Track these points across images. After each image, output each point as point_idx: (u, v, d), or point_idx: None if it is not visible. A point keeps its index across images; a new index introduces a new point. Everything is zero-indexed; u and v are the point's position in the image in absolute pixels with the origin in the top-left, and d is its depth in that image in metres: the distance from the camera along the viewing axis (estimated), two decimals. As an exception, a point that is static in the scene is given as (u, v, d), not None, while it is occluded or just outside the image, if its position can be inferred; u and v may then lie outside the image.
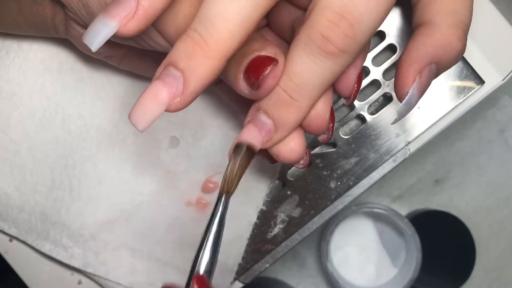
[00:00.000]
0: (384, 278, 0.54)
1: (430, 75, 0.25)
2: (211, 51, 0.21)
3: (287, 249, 0.36)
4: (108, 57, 0.31)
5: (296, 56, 0.22)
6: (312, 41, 0.22)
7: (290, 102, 0.23)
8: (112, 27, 0.22)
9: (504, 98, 0.54)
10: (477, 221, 0.55)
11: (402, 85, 0.24)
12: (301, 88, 0.23)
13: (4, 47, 0.33)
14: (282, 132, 0.24)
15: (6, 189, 0.34)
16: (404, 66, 0.24)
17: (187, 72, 0.21)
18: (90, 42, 0.22)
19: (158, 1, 0.22)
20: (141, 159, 0.35)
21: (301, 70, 0.22)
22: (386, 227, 0.54)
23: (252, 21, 0.21)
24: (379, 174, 0.35)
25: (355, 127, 0.36)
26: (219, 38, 0.21)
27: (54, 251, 0.35)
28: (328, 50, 0.22)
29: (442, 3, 0.25)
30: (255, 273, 0.36)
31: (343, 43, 0.21)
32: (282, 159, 0.25)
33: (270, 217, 0.36)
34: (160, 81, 0.22)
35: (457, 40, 0.25)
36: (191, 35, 0.21)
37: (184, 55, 0.21)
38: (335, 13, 0.21)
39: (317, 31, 0.22)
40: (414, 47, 0.25)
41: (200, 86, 0.22)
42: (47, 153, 0.34)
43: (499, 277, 0.55)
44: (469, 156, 0.55)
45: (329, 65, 0.22)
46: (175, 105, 0.22)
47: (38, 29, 0.31)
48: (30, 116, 0.34)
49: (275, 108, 0.24)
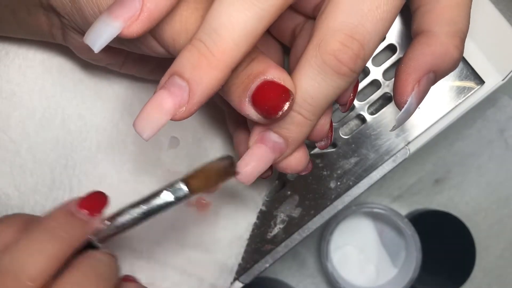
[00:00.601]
0: (384, 278, 0.54)
1: (428, 83, 0.25)
2: (216, 62, 0.21)
3: (287, 249, 0.36)
4: (109, 64, 0.31)
5: (309, 77, 0.23)
6: (326, 64, 0.22)
7: (304, 123, 0.24)
8: (116, 28, 0.22)
9: (504, 98, 0.54)
10: (477, 221, 0.55)
11: (401, 93, 0.25)
12: (315, 108, 0.23)
13: (4, 47, 0.33)
14: (292, 148, 0.25)
15: (6, 189, 0.34)
16: (403, 75, 0.25)
17: (193, 82, 0.22)
18: (92, 43, 0.22)
19: (164, 3, 0.22)
20: (141, 159, 0.35)
21: (316, 91, 0.23)
22: (386, 227, 0.54)
23: (257, 32, 0.22)
24: (379, 174, 0.35)
25: (355, 127, 0.36)
26: (225, 48, 0.21)
27: (54, 251, 0.35)
28: (342, 71, 0.22)
29: (440, 12, 0.26)
30: (255, 273, 0.36)
31: (355, 63, 0.22)
32: (289, 171, 0.26)
33: (270, 217, 0.36)
34: (165, 90, 0.22)
35: (455, 49, 0.25)
36: (196, 45, 0.22)
37: (190, 65, 0.22)
38: (346, 35, 0.22)
39: (331, 55, 0.22)
40: (413, 56, 0.25)
41: (205, 96, 0.22)
42: (47, 153, 0.34)
43: (499, 277, 0.55)
44: (469, 156, 0.55)
45: (340, 84, 0.23)
46: (180, 114, 0.22)
47: (37, 37, 0.31)
48: (30, 116, 0.34)
49: (288, 129, 0.24)
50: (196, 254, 0.36)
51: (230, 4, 0.21)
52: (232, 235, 0.36)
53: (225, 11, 0.21)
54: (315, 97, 0.23)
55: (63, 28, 0.28)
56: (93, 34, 0.22)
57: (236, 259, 0.36)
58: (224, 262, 0.36)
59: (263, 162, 0.25)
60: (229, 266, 0.36)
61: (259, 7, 0.21)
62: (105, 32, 0.22)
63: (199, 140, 0.36)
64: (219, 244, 0.36)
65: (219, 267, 0.36)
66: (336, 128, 0.35)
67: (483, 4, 0.33)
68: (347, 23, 0.22)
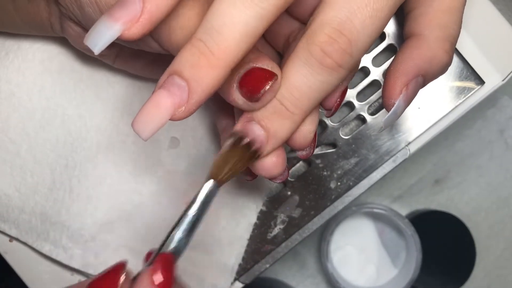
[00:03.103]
0: (384, 278, 0.54)
1: (417, 86, 0.25)
2: (216, 61, 0.21)
3: (287, 250, 0.36)
4: (103, 56, 0.31)
5: (295, 69, 0.23)
6: (312, 55, 0.22)
7: (286, 115, 0.23)
8: (116, 31, 0.21)
9: (504, 98, 0.54)
10: (477, 221, 0.55)
11: (389, 96, 0.25)
12: (299, 101, 0.23)
13: (4, 48, 0.33)
14: (272, 145, 0.24)
15: (7, 190, 0.34)
16: (392, 78, 0.25)
17: (192, 81, 0.21)
18: (93, 45, 0.22)
19: (164, 5, 0.22)
20: (141, 160, 0.35)
21: (300, 83, 0.23)
22: (386, 227, 0.54)
23: (258, 32, 0.22)
24: (379, 174, 0.35)
25: (355, 128, 0.36)
26: (225, 48, 0.21)
27: (54, 252, 0.35)
28: (327, 64, 0.22)
29: (432, 16, 0.26)
30: (255, 273, 0.36)
31: (342, 58, 0.22)
32: (263, 173, 0.25)
33: (270, 218, 0.36)
34: (164, 90, 0.22)
35: (444, 53, 0.25)
36: (196, 45, 0.21)
37: (189, 64, 0.21)
38: (333, 29, 0.22)
39: (317, 46, 0.22)
40: (402, 59, 0.25)
41: (205, 95, 0.22)
42: (47, 154, 0.34)
43: (499, 277, 0.55)
44: (469, 156, 0.55)
45: (326, 79, 0.23)
46: (180, 114, 0.22)
47: (35, 29, 0.30)
48: (30, 117, 0.34)
49: (270, 119, 0.24)
50: (197, 254, 0.36)
51: (231, 3, 0.21)
52: (232, 235, 0.36)
53: (226, 10, 0.21)
54: (299, 89, 0.23)
55: (62, 17, 0.28)
56: (94, 36, 0.22)
57: (237, 259, 0.36)
58: (224, 263, 0.36)
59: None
60: (229, 266, 0.36)
61: (260, 7, 0.21)
62: (106, 35, 0.22)
63: (199, 140, 0.36)
64: (220, 244, 0.36)
65: (220, 268, 0.36)
66: (336, 128, 0.35)
67: (483, 4, 0.33)
68: (336, 17, 0.22)
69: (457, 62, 0.34)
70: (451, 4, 0.26)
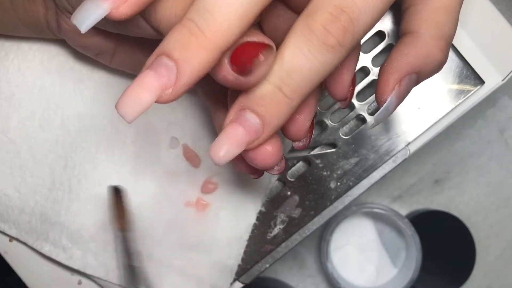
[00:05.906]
0: (384, 278, 0.54)
1: (410, 84, 0.25)
2: (208, 43, 0.20)
3: (287, 250, 0.36)
4: (99, 55, 0.31)
5: (294, 49, 0.22)
6: (313, 33, 0.21)
7: (284, 100, 0.22)
8: (104, 9, 0.21)
9: (504, 98, 0.54)
10: (477, 221, 0.55)
11: (381, 92, 0.25)
12: (297, 85, 0.22)
13: (3, 48, 0.33)
14: (268, 132, 0.23)
15: (7, 190, 0.34)
16: (385, 74, 0.25)
17: (181, 62, 0.20)
18: (80, 23, 0.21)
19: None
20: (141, 160, 0.35)
21: (299, 64, 0.21)
22: (386, 227, 0.54)
23: (252, 15, 0.21)
24: (379, 174, 0.35)
25: (355, 128, 0.36)
26: (217, 29, 0.20)
27: (54, 252, 0.35)
28: (329, 42, 0.21)
29: (428, 14, 0.25)
30: (255, 273, 0.36)
31: (344, 36, 0.21)
32: (258, 164, 0.24)
33: (270, 218, 0.36)
34: (151, 70, 0.21)
35: (439, 51, 0.25)
36: (187, 25, 0.20)
37: (179, 45, 0.20)
38: (335, 6, 0.21)
39: (318, 23, 0.21)
40: (396, 56, 0.25)
41: (193, 78, 0.21)
42: (47, 154, 0.34)
43: (499, 277, 0.55)
44: (469, 156, 0.55)
45: (327, 59, 0.21)
46: (167, 96, 0.21)
47: (32, 28, 0.30)
48: (30, 117, 0.34)
49: (264, 106, 0.22)
50: (196, 254, 0.36)
51: None
52: (232, 235, 0.36)
53: None
54: (299, 70, 0.22)
55: (58, 13, 0.28)
56: (81, 14, 0.21)
57: (236, 259, 0.36)
58: (224, 263, 0.36)
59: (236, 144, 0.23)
60: (229, 266, 0.36)
61: None
62: (93, 13, 0.21)
63: (199, 140, 0.36)
64: (219, 244, 0.36)
65: (219, 268, 0.36)
66: (336, 128, 0.35)
67: (483, 4, 0.33)
68: None
69: (457, 62, 0.34)
70: (447, 3, 0.25)
